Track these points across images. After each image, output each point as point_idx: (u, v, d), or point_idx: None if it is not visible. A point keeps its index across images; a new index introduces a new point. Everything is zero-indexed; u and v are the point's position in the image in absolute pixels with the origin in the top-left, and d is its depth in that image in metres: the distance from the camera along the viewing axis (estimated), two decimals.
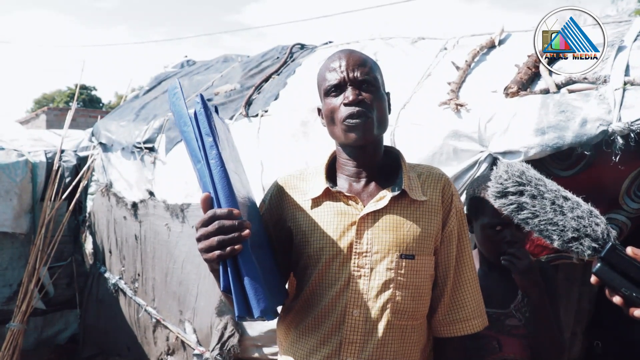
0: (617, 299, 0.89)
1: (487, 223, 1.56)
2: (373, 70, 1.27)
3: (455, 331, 1.32)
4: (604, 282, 0.91)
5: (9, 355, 3.74)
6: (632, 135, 1.58)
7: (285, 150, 2.54)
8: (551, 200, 1.00)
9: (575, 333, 2.40)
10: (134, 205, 3.57)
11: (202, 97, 1.08)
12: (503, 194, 1.06)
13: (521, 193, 1.03)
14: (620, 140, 1.59)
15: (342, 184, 1.32)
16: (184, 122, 1.08)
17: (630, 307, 0.88)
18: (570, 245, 0.97)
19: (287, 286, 1.38)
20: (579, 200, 1.00)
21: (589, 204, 1.00)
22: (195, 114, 1.07)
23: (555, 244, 0.99)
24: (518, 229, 1.55)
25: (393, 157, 1.37)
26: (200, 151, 1.05)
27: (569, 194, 1.01)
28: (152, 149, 3.40)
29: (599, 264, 0.91)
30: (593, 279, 0.92)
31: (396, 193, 1.25)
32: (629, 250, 0.90)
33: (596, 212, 0.98)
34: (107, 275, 4.03)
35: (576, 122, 1.67)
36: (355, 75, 1.23)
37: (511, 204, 1.04)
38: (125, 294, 3.75)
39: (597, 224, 0.95)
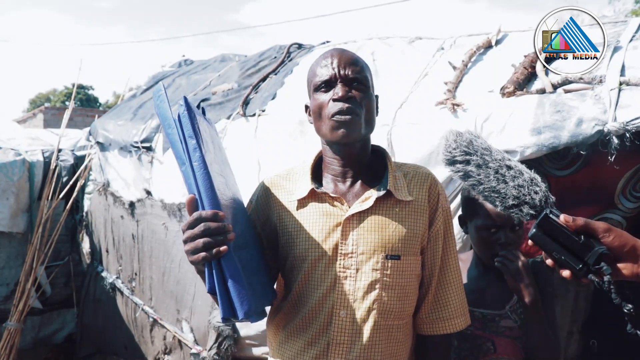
0: (549, 261, 0.98)
1: (481, 225, 1.56)
2: (364, 70, 1.27)
3: (439, 329, 1.32)
4: (538, 246, 0.98)
5: (6, 355, 3.73)
6: (627, 135, 1.58)
7: (283, 150, 2.54)
8: (495, 170, 1.05)
9: (572, 332, 2.40)
10: (132, 205, 3.57)
11: (185, 99, 1.09)
12: (452, 162, 1.10)
13: (468, 162, 1.08)
14: (615, 140, 1.59)
15: (328, 184, 1.31)
16: (168, 125, 1.09)
17: (560, 269, 0.97)
18: (512, 211, 1.03)
19: (276, 286, 1.37)
20: (522, 168, 1.05)
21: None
22: (179, 116, 1.08)
23: (498, 210, 1.06)
24: (513, 231, 1.56)
25: (380, 156, 1.36)
26: (185, 153, 1.06)
27: (512, 163, 1.06)
28: (149, 148, 3.40)
29: (534, 230, 0.99)
30: (530, 242, 1.00)
31: (381, 193, 1.24)
32: (562, 217, 0.96)
33: (537, 180, 1.03)
34: (104, 274, 4.02)
35: (572, 121, 1.68)
36: (346, 72, 1.23)
37: (458, 172, 1.09)
38: (122, 293, 3.75)
39: (535, 192, 1.01)
